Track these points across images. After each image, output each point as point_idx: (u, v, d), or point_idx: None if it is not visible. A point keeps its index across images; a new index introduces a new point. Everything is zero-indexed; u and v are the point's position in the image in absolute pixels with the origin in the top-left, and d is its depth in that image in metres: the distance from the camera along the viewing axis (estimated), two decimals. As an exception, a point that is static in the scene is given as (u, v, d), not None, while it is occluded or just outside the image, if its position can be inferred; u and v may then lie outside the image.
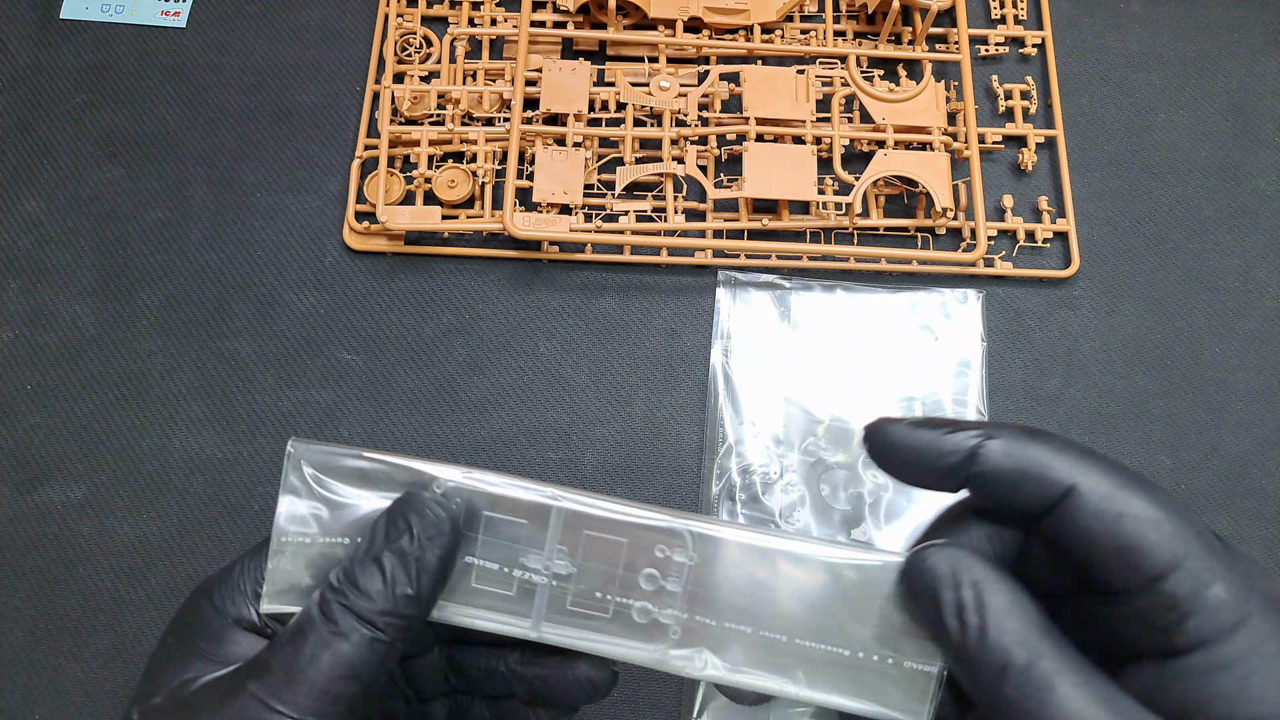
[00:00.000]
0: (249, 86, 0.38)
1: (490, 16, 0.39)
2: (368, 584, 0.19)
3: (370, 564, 0.20)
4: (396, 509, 0.20)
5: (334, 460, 0.20)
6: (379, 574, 0.19)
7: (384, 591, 0.19)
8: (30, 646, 0.31)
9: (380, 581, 0.19)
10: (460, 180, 0.36)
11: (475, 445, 0.34)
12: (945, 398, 0.35)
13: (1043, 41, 0.40)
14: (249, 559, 0.21)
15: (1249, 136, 0.38)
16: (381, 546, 0.20)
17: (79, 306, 0.35)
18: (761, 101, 0.37)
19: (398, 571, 0.20)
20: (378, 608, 0.19)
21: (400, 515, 0.20)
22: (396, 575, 0.20)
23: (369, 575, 0.19)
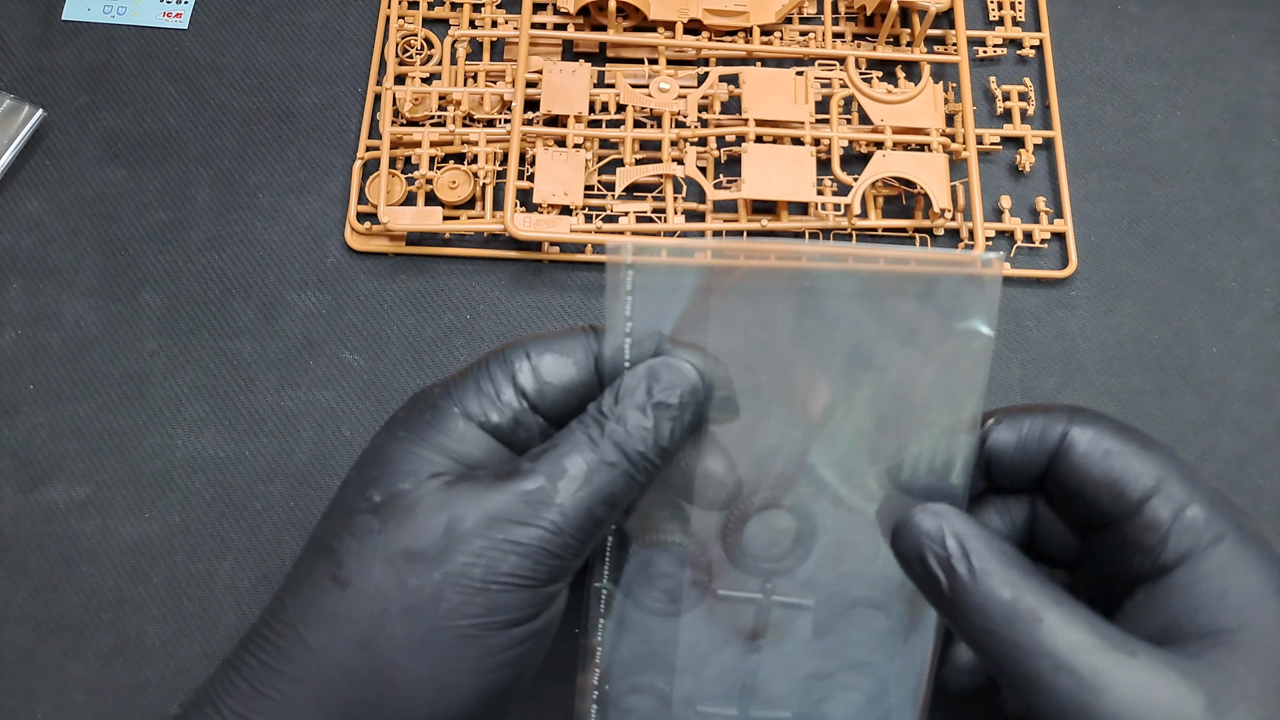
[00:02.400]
0: (251, 88, 0.38)
1: (491, 19, 0.39)
2: (636, 426, 0.21)
3: (636, 410, 0.21)
4: (664, 366, 0.22)
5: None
6: (646, 420, 0.21)
7: (649, 437, 0.21)
8: (32, 645, 0.31)
9: (646, 427, 0.21)
10: (461, 181, 0.36)
11: (476, 445, 0.34)
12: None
13: (1040, 43, 0.40)
14: (489, 364, 0.22)
15: (1246, 137, 0.39)
16: (647, 397, 0.21)
17: (81, 307, 0.35)
18: (760, 103, 0.37)
19: (662, 422, 0.21)
20: (641, 449, 0.21)
21: (668, 373, 0.21)
22: (661, 425, 0.21)
23: (636, 419, 0.21)
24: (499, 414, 0.22)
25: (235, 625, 0.31)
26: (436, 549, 0.20)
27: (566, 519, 0.20)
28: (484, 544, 0.20)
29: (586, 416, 0.21)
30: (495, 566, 0.20)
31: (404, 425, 0.22)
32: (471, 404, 0.22)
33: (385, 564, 0.20)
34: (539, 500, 0.20)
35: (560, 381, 0.22)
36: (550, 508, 0.20)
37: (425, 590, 0.19)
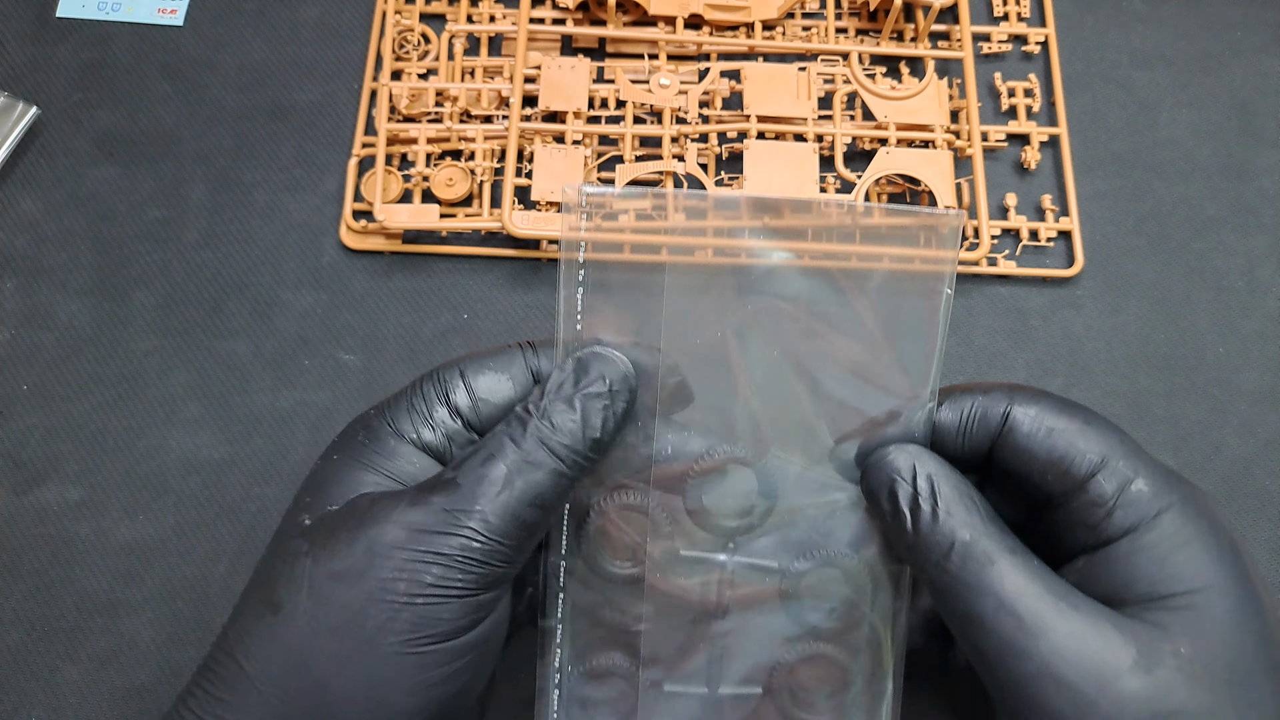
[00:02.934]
0: (246, 84, 0.38)
1: (489, 13, 0.39)
2: (562, 421, 0.21)
3: (563, 403, 0.21)
4: (589, 358, 0.21)
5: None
6: (573, 413, 0.21)
7: (576, 430, 0.21)
8: (26, 648, 0.31)
9: (573, 421, 0.21)
10: (458, 178, 0.36)
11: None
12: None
13: (1046, 39, 0.39)
14: (423, 383, 0.23)
15: (1253, 135, 0.38)
16: (573, 390, 0.21)
17: (75, 306, 0.35)
18: (762, 99, 0.36)
19: (591, 414, 0.21)
20: (568, 444, 0.21)
21: (594, 364, 0.21)
22: (590, 418, 0.21)
23: (563, 413, 0.21)
24: (432, 433, 0.22)
25: (230, 628, 0.31)
26: (359, 566, 0.19)
27: (490, 525, 0.20)
28: (405, 557, 0.19)
29: (512, 417, 0.21)
30: (418, 578, 0.19)
31: (338, 448, 0.22)
32: (404, 424, 0.22)
33: (313, 586, 0.19)
34: (459, 508, 0.20)
35: (497, 399, 0.22)
36: (471, 515, 0.20)
37: (352, 609, 0.19)
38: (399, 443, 0.22)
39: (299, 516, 0.21)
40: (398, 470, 0.21)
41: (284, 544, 0.21)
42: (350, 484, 0.21)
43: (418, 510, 0.20)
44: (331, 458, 0.22)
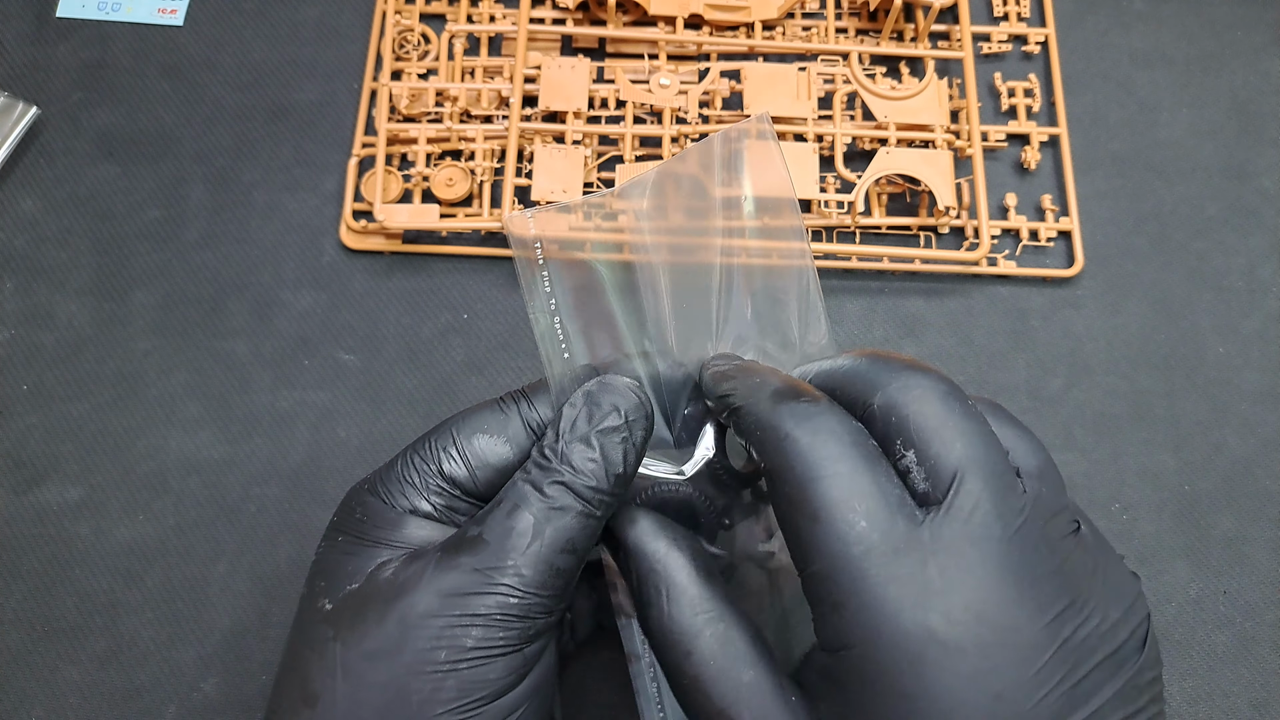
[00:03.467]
0: (246, 84, 0.38)
1: (489, 13, 0.39)
2: (582, 462, 0.20)
3: (580, 443, 0.20)
4: (599, 390, 0.21)
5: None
6: (592, 452, 0.20)
7: (598, 470, 0.20)
8: (26, 649, 0.31)
9: (593, 460, 0.20)
10: (458, 178, 0.36)
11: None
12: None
13: (1046, 39, 0.39)
14: (412, 457, 0.22)
15: (1253, 135, 0.38)
16: (589, 427, 0.20)
17: (75, 306, 0.35)
18: (762, 99, 0.36)
19: (610, 451, 0.20)
20: (593, 485, 0.20)
21: (605, 397, 0.21)
22: (610, 454, 0.20)
23: (581, 453, 0.20)
24: (430, 505, 0.21)
25: (229, 629, 0.31)
26: (393, 642, 0.19)
27: (525, 579, 0.19)
28: (442, 624, 0.19)
29: (529, 463, 0.20)
30: (458, 644, 0.19)
31: (340, 529, 0.21)
32: (399, 497, 0.21)
33: (347, 670, 0.19)
34: (490, 566, 0.19)
35: (495, 462, 0.22)
36: (504, 571, 0.19)
37: (392, 687, 0.18)
38: (398, 514, 0.21)
39: (318, 603, 0.20)
40: (408, 538, 0.21)
41: (308, 632, 0.20)
42: (363, 561, 0.20)
43: (448, 574, 0.19)
44: (336, 539, 0.21)
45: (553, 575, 0.19)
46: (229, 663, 0.31)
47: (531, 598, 0.19)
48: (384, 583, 0.20)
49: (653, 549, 0.21)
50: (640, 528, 0.21)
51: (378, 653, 0.19)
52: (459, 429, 0.22)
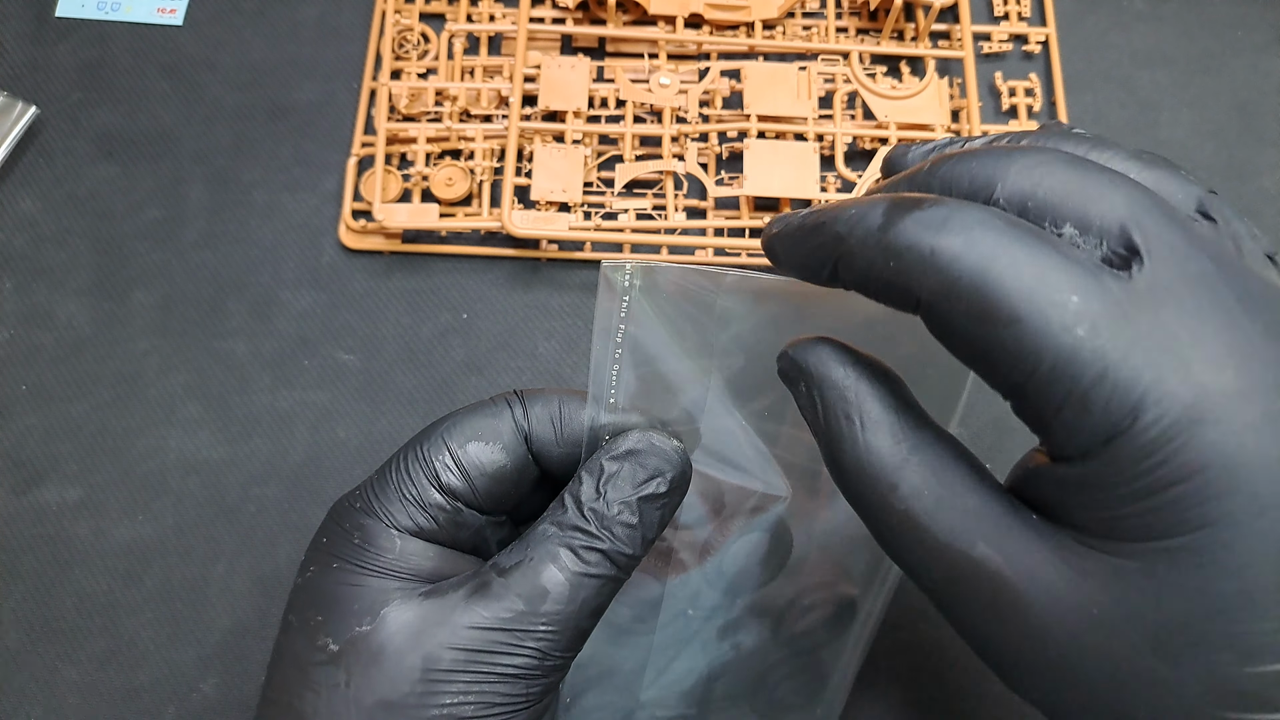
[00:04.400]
0: (245, 84, 0.38)
1: (489, 13, 0.39)
2: (623, 531, 0.19)
3: (623, 507, 0.19)
4: (647, 451, 0.20)
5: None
6: (633, 518, 0.19)
7: (636, 537, 0.19)
8: (25, 649, 0.31)
9: (633, 527, 0.19)
10: (458, 178, 0.36)
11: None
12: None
13: (1046, 39, 0.39)
14: (408, 466, 0.21)
15: (1254, 135, 0.38)
16: (631, 490, 0.19)
17: (74, 306, 0.35)
18: (763, 98, 0.36)
19: (649, 517, 0.20)
20: (629, 553, 0.19)
21: (651, 459, 0.20)
22: (648, 521, 0.20)
23: (624, 519, 0.19)
24: (430, 520, 0.20)
25: (229, 629, 0.31)
26: (417, 695, 0.18)
27: (554, 643, 0.19)
28: (469, 679, 0.18)
29: (563, 518, 0.19)
30: (486, 699, 0.18)
31: (334, 553, 0.20)
32: (399, 515, 0.20)
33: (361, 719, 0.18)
34: (521, 626, 0.18)
35: (491, 470, 0.21)
36: (535, 635, 0.18)
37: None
38: (402, 538, 0.20)
39: (318, 640, 0.19)
40: (413, 568, 0.20)
41: (310, 674, 0.19)
42: (368, 596, 0.19)
43: (476, 632, 0.18)
44: (330, 566, 0.20)
45: (579, 637, 0.19)
46: (228, 663, 0.30)
47: (556, 657, 0.19)
48: (403, 630, 0.19)
49: (838, 375, 0.18)
50: (821, 353, 0.18)
51: (399, 705, 0.18)
52: (450, 435, 0.21)
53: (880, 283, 0.16)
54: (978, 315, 0.15)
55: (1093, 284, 0.15)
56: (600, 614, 0.20)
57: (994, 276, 0.15)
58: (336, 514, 0.21)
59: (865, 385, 0.17)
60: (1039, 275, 0.15)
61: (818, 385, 0.18)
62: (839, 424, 0.17)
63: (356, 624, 0.19)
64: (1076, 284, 0.15)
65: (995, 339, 0.15)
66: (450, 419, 0.21)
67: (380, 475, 0.21)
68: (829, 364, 0.18)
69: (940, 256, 0.15)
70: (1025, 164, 0.16)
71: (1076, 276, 0.15)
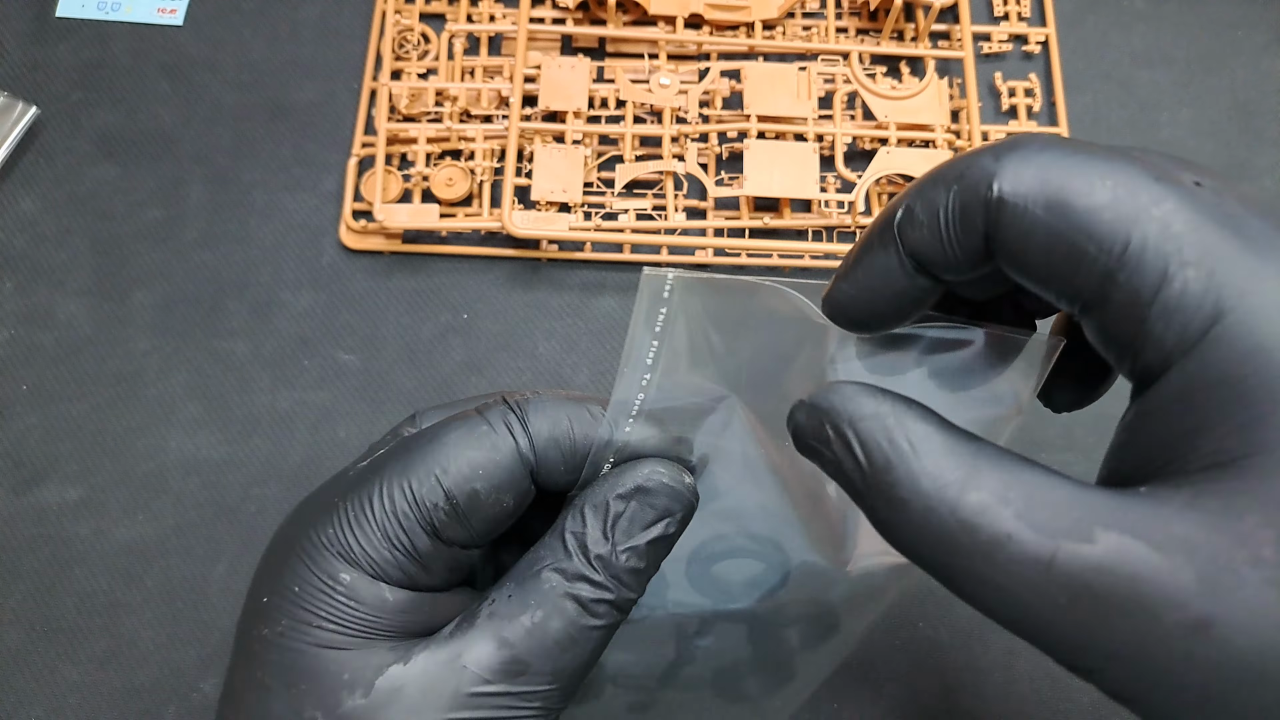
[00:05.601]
0: (246, 84, 0.38)
1: (489, 13, 0.39)
2: (632, 578, 0.18)
3: (632, 555, 0.18)
4: (657, 490, 0.18)
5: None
6: (640, 563, 0.18)
7: (641, 581, 0.18)
8: (26, 649, 0.31)
9: (640, 573, 0.18)
10: (458, 178, 0.36)
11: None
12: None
13: (1046, 39, 0.39)
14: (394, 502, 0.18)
15: (1253, 134, 0.38)
16: (641, 533, 0.18)
17: (74, 306, 0.35)
18: (763, 98, 0.36)
19: (654, 559, 0.18)
20: (633, 597, 0.18)
21: (661, 499, 0.18)
22: (652, 562, 0.18)
23: (632, 566, 0.18)
24: (423, 570, 0.18)
25: (229, 629, 0.31)
26: None
27: (559, 695, 0.18)
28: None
29: (568, 566, 0.17)
30: None
31: (313, 609, 0.17)
32: (389, 569, 0.18)
33: None
34: (528, 688, 0.17)
35: (494, 514, 0.18)
36: (541, 694, 0.17)
37: None
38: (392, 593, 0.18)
39: (304, 711, 0.17)
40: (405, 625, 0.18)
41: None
42: (359, 663, 0.17)
43: (479, 698, 0.17)
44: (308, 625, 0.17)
45: (580, 679, 0.18)
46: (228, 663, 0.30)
47: (557, 700, 0.18)
48: (402, 703, 0.17)
49: (870, 407, 0.15)
50: (844, 390, 0.16)
51: None
52: (446, 473, 0.18)
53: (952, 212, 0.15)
54: (1053, 204, 0.14)
55: (1165, 173, 0.14)
56: (599, 656, 0.18)
57: (1071, 166, 0.14)
58: (305, 553, 0.18)
59: (903, 408, 0.15)
60: (1115, 162, 0.14)
61: (850, 422, 0.15)
62: (884, 454, 0.15)
63: (348, 696, 0.17)
64: (1151, 171, 0.14)
65: (1077, 227, 0.14)
66: (438, 446, 0.18)
67: (358, 514, 0.18)
68: (856, 398, 0.16)
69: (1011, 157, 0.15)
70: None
71: (1149, 170, 0.14)
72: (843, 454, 0.15)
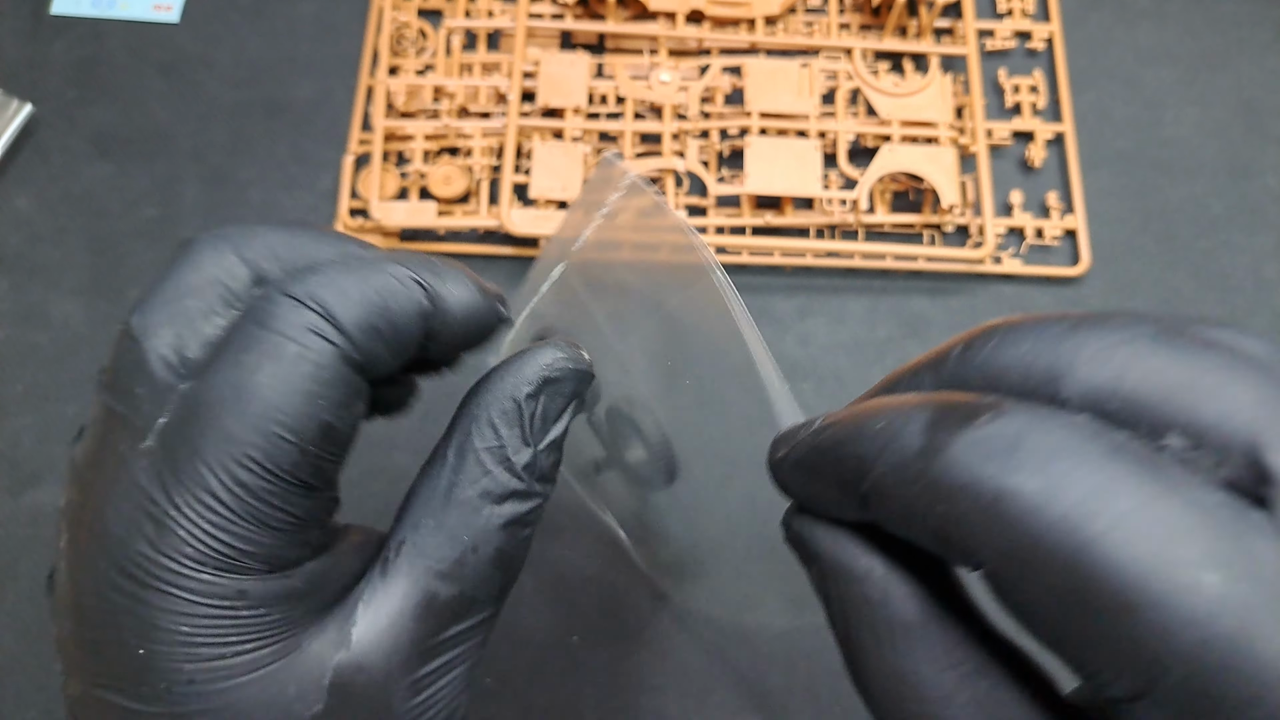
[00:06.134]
0: (242, 81, 0.38)
1: (487, 9, 0.38)
2: (554, 470, 0.17)
3: (551, 448, 0.17)
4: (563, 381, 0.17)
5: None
6: (557, 454, 0.17)
7: (558, 457, 0.17)
8: (22, 650, 0.30)
9: (558, 462, 0.17)
10: (456, 176, 0.36)
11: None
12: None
13: (1050, 36, 0.39)
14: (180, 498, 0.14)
15: (1259, 133, 0.38)
16: (556, 424, 0.17)
17: (70, 305, 0.34)
18: (764, 95, 0.36)
19: (561, 435, 0.17)
20: (554, 487, 0.17)
21: (568, 385, 0.17)
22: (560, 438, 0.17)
23: (552, 460, 0.17)
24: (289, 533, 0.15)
25: (226, 631, 0.31)
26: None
27: (499, 607, 0.17)
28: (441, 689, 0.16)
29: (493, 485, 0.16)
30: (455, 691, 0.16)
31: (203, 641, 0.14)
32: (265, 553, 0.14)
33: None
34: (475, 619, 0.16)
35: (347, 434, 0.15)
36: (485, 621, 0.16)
37: None
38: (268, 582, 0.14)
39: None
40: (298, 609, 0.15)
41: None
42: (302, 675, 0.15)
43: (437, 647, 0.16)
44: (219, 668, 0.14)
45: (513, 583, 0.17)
46: None
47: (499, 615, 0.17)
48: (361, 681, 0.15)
49: (862, 565, 0.13)
50: (837, 536, 0.14)
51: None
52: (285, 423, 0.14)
53: (927, 532, 0.12)
54: (1069, 596, 0.11)
55: (1234, 547, 0.10)
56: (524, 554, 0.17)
57: (1095, 539, 0.10)
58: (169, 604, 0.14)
59: (897, 580, 0.13)
60: (1163, 536, 0.10)
61: (833, 575, 0.14)
62: (863, 634, 0.13)
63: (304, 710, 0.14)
64: (1214, 549, 0.10)
65: (1094, 630, 0.11)
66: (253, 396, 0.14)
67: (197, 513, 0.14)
68: (848, 549, 0.14)
69: (1011, 507, 0.11)
70: (1104, 344, 0.12)
71: (1212, 535, 0.10)
72: (821, 596, 0.14)
